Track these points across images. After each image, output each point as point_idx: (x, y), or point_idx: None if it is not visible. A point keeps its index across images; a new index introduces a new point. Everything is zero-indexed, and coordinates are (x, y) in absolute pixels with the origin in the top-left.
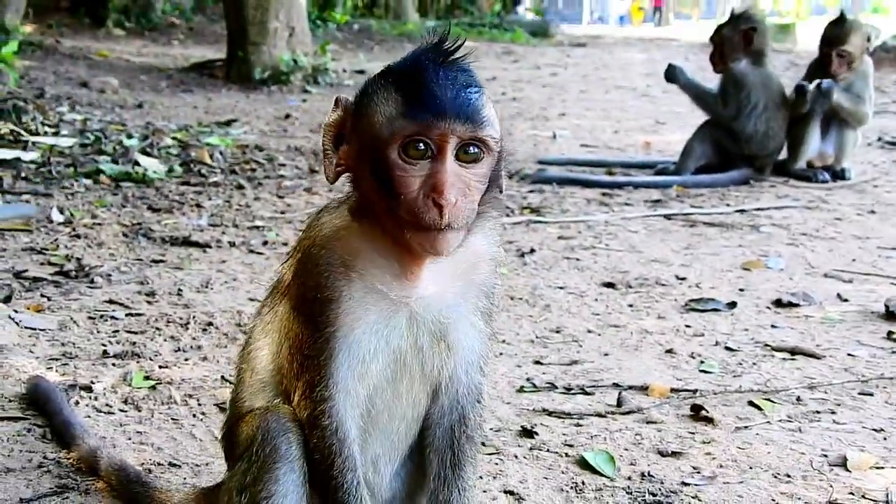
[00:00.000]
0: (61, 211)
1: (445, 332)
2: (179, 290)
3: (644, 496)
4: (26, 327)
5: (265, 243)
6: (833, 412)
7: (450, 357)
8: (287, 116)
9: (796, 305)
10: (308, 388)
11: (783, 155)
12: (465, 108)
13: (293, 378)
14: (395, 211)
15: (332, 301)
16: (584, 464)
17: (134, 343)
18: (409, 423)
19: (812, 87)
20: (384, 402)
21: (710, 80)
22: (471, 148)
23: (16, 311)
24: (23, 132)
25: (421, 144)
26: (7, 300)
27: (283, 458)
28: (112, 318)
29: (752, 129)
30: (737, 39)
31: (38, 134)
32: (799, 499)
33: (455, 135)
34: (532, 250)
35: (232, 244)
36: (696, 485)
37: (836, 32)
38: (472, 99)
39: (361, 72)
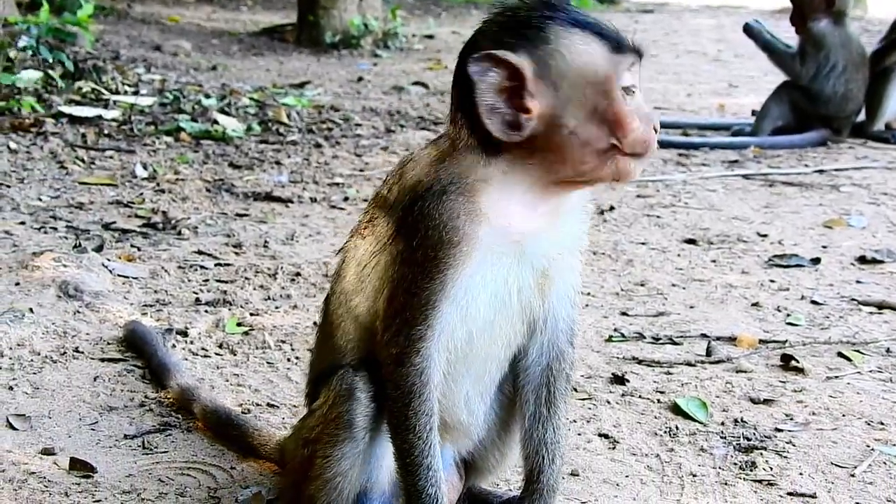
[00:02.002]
0: (144, 167)
1: (548, 269)
2: (265, 242)
3: (738, 440)
4: (119, 275)
5: (346, 199)
6: None
7: (549, 293)
8: (360, 79)
9: (881, 262)
10: (404, 327)
11: (861, 116)
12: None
13: (389, 318)
14: (602, 149)
15: (453, 245)
16: (676, 409)
17: (224, 291)
18: (500, 363)
19: None
20: (482, 345)
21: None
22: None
23: (108, 260)
24: (104, 91)
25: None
26: (99, 249)
27: (345, 426)
28: (201, 267)
29: (831, 90)
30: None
31: (118, 93)
32: (894, 444)
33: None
34: (611, 208)
35: (313, 200)
36: (789, 430)
37: None
38: None
39: (430, 37)
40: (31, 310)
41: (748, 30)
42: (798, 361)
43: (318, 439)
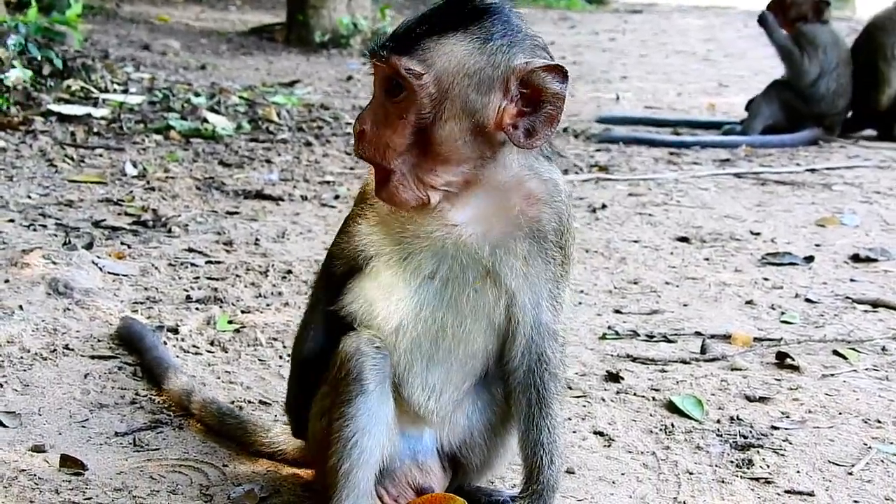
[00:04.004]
0: (134, 165)
1: (494, 272)
2: (256, 239)
3: (735, 438)
4: (109, 272)
5: (337, 197)
6: None
7: (501, 297)
8: (349, 78)
9: (874, 260)
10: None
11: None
12: (383, 41)
13: None
14: None
15: (365, 221)
16: (671, 407)
17: (216, 289)
18: (461, 358)
19: None
20: (426, 331)
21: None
22: (391, 83)
23: (98, 258)
24: (93, 89)
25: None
26: (89, 247)
27: (355, 381)
28: (192, 265)
29: (825, 87)
30: (805, 8)
31: (107, 91)
32: (891, 443)
33: (378, 67)
34: (603, 206)
35: (304, 198)
36: (786, 428)
37: None
38: (401, 33)
39: None
40: (20, 307)
41: (763, 19)
42: (793, 359)
43: (332, 403)
